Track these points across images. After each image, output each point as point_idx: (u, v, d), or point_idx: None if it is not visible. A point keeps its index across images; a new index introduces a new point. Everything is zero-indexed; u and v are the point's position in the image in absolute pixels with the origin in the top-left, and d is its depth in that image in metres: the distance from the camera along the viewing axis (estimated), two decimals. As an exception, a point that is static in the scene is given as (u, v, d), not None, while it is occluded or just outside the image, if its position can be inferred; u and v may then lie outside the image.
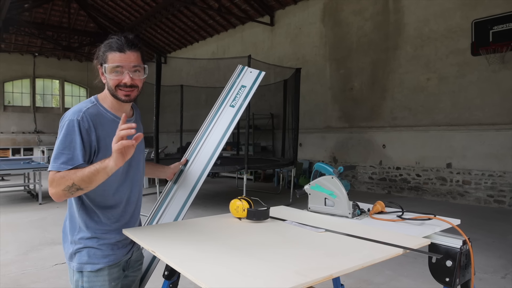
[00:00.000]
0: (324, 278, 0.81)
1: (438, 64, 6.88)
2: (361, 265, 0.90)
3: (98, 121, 1.34)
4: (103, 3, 12.96)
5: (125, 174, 1.42)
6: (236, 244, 1.12)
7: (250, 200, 1.45)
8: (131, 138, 1.19)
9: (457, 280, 1.23)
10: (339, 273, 0.85)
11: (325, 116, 8.96)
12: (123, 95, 1.33)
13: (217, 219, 1.49)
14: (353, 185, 8.35)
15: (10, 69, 15.58)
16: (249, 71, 1.76)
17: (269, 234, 1.27)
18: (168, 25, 12.92)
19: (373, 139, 7.96)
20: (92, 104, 1.37)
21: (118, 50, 1.30)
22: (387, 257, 0.99)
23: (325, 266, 0.90)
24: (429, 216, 1.47)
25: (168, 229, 1.34)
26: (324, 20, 8.99)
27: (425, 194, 7.10)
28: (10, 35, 13.72)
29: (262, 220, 1.43)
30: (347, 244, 1.10)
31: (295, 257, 0.98)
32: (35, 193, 7.48)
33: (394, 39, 7.56)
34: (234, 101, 1.75)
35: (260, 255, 1.01)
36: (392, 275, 3.17)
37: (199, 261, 0.96)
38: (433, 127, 6.93)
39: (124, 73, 1.31)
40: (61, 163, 1.24)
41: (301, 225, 1.34)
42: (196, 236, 1.24)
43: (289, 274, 0.83)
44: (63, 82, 17.15)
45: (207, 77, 12.06)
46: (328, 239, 1.16)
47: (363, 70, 8.13)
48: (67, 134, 1.27)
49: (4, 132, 15.48)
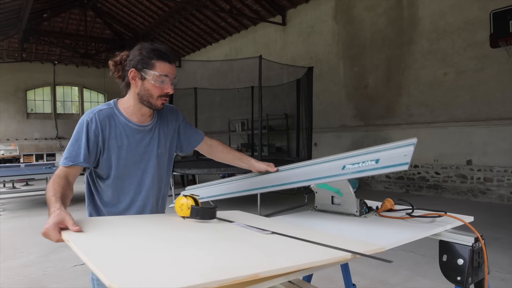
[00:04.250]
0: (248, 276, 0.74)
1: (455, 58, 6.69)
2: (297, 267, 0.82)
3: (108, 123, 1.39)
4: (118, 10, 13.21)
5: (133, 178, 1.45)
6: (163, 240, 1.05)
7: (196, 198, 1.32)
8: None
9: (469, 279, 1.18)
10: (268, 273, 0.77)
11: (340, 115, 8.86)
12: (161, 103, 1.40)
13: (162, 217, 1.40)
14: (370, 184, 8.22)
15: (32, 77, 16.08)
16: (403, 154, 1.25)
17: (205, 232, 1.17)
18: (181, 29, 13.06)
19: (389, 137, 7.81)
20: (108, 106, 1.43)
21: (168, 61, 1.35)
22: (330, 260, 0.90)
23: (252, 264, 0.83)
24: (439, 213, 1.41)
25: (102, 223, 1.23)
26: (337, 18, 8.89)
27: (445, 192, 6.91)
28: (30, 45, 14.15)
29: (207, 220, 1.29)
30: (290, 246, 1.02)
31: (221, 255, 0.92)
32: (56, 197, 7.66)
33: (408, 34, 7.41)
34: (352, 165, 1.36)
35: (183, 251, 0.93)
36: (409, 275, 3.09)
37: (109, 252, 0.89)
38: (451, 123, 6.75)
39: (168, 83, 1.36)
40: (65, 158, 1.34)
41: (248, 227, 1.23)
42: (126, 230, 1.15)
43: (204, 270, 0.76)
44: (82, 88, 17.57)
45: (221, 79, 12.13)
46: (271, 241, 1.07)
47: (377, 67, 8.00)
48: (76, 133, 1.37)
49: (28, 138, 15.96)
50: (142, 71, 1.34)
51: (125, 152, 1.41)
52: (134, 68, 1.35)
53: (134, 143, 1.43)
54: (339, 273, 1.98)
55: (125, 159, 1.42)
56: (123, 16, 13.61)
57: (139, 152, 1.44)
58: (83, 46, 13.88)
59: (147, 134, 1.46)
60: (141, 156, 1.45)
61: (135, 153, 1.44)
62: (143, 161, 1.45)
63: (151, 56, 1.33)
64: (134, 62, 1.35)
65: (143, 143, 1.45)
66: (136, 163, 1.44)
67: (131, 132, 1.43)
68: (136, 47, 1.39)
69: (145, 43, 1.39)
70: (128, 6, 12.63)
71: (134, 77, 1.36)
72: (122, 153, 1.41)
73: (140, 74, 1.34)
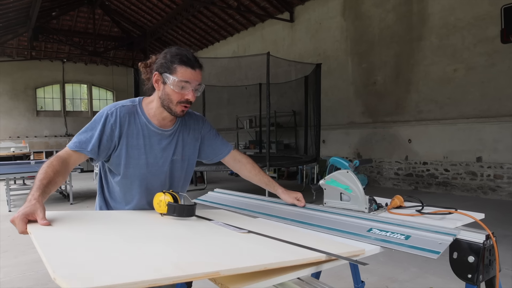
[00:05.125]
0: (207, 274, 0.72)
1: (465, 53, 6.60)
2: (263, 266, 0.79)
3: (128, 120, 1.37)
4: (126, 7, 13.27)
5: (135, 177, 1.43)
6: (131, 236, 1.03)
7: (176, 195, 1.28)
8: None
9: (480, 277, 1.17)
10: (229, 271, 0.75)
11: (348, 111, 8.81)
12: (181, 110, 1.36)
13: (139, 213, 1.37)
14: (378, 181, 8.17)
15: (41, 75, 16.25)
16: (439, 242, 1.07)
17: (179, 229, 1.13)
18: (189, 26, 13.08)
19: (398, 133, 7.75)
20: (132, 103, 1.41)
21: (191, 67, 1.32)
22: (301, 261, 0.87)
23: (216, 262, 0.81)
24: (450, 210, 1.40)
25: (75, 218, 1.19)
26: (345, 14, 8.83)
27: (454, 189, 6.84)
28: (40, 43, 14.30)
29: (184, 218, 1.25)
30: (262, 246, 0.99)
31: (187, 252, 0.90)
32: (67, 193, 7.77)
33: (418, 30, 7.33)
34: (379, 231, 1.18)
35: (148, 247, 0.91)
36: (418, 272, 3.07)
37: (66, 247, 0.85)
38: (461, 120, 6.67)
39: (189, 89, 1.33)
40: (73, 142, 1.32)
41: (226, 225, 1.20)
42: (97, 226, 1.12)
43: (161, 266, 0.74)
44: (90, 86, 17.71)
45: (229, 77, 12.13)
46: (245, 240, 1.04)
47: (386, 63, 7.93)
48: (93, 121, 1.35)
49: (38, 136, 16.16)
50: (163, 75, 1.32)
51: (138, 152, 1.39)
52: (157, 71, 1.33)
53: (150, 145, 1.41)
54: (348, 270, 1.99)
55: (137, 160, 1.39)
56: (131, 14, 13.67)
57: (152, 155, 1.41)
58: (92, 44, 13.98)
59: (165, 139, 1.44)
60: (155, 160, 1.42)
61: (149, 155, 1.41)
62: (156, 165, 1.43)
63: (173, 60, 1.31)
64: (157, 65, 1.34)
65: (159, 147, 1.42)
66: (148, 166, 1.41)
67: (149, 133, 1.40)
68: (164, 51, 1.37)
69: (173, 47, 1.36)
70: (136, 4, 12.68)
71: (157, 80, 1.34)
72: (135, 153, 1.39)
73: (162, 78, 1.32)
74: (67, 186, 7.48)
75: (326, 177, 1.60)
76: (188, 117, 1.52)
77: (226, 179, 10.17)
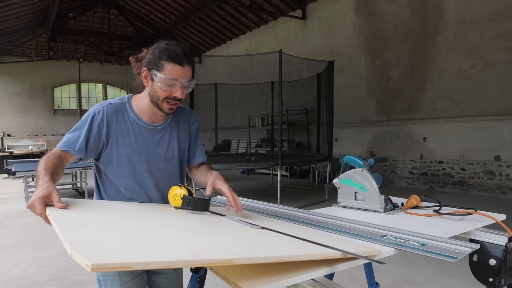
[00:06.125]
0: (222, 261, 0.71)
1: (483, 49, 6.44)
2: (278, 258, 0.78)
3: (116, 118, 1.34)
4: (140, 7, 13.39)
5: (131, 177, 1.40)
6: (144, 224, 1.03)
7: (191, 189, 1.26)
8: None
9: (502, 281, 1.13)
10: (243, 260, 0.73)
11: (361, 109, 8.70)
12: (168, 108, 1.32)
13: (153, 206, 1.36)
14: (392, 180, 8.05)
15: (59, 75, 16.59)
16: (457, 250, 1.00)
17: (193, 221, 1.12)
18: (201, 25, 13.12)
19: (413, 132, 7.62)
20: (121, 101, 1.38)
21: (178, 63, 1.25)
22: (316, 256, 0.85)
23: (230, 251, 0.80)
24: (469, 211, 1.36)
25: (90, 205, 1.19)
26: (358, 11, 8.71)
27: (471, 189, 6.69)
28: (57, 43, 14.57)
29: (198, 212, 1.24)
30: (275, 240, 0.98)
31: (199, 241, 0.88)
32: (82, 190, 7.90)
33: (433, 25, 7.18)
34: (394, 238, 1.12)
35: (162, 234, 0.91)
36: (434, 274, 3.01)
37: (84, 228, 0.86)
38: (478, 118, 6.51)
39: (177, 86, 1.27)
40: (62, 142, 1.31)
41: (239, 221, 1.19)
42: (111, 213, 1.13)
43: (179, 251, 0.74)
44: (105, 85, 17.97)
45: (241, 75, 12.13)
46: (259, 234, 1.03)
47: (400, 60, 7.80)
48: (81, 121, 1.34)
49: (55, 134, 16.48)
50: (151, 72, 1.27)
51: (131, 150, 1.36)
52: (146, 67, 1.29)
53: (142, 142, 1.37)
54: (361, 271, 1.95)
55: (130, 158, 1.36)
56: (145, 14, 13.79)
57: (145, 152, 1.38)
58: (107, 44, 14.16)
59: (157, 134, 1.40)
60: (148, 157, 1.38)
61: (142, 152, 1.37)
62: (149, 161, 1.39)
63: (161, 56, 1.25)
64: (146, 61, 1.29)
65: (152, 143, 1.39)
66: (141, 163, 1.38)
67: (140, 130, 1.37)
68: (153, 45, 1.32)
69: (162, 41, 1.30)
70: (150, 4, 12.78)
71: (146, 76, 1.30)
72: (128, 151, 1.35)
73: (151, 74, 1.28)
74: (82, 183, 7.60)
75: (340, 175, 1.58)
76: (179, 111, 1.47)
77: (238, 177, 10.18)
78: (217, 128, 9.65)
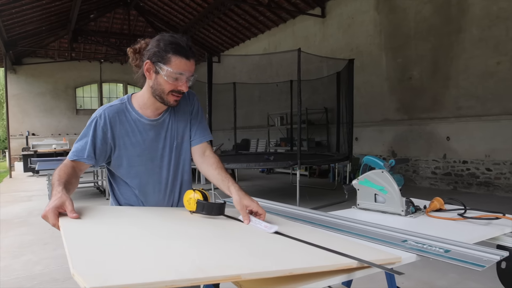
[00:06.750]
0: (228, 277, 0.69)
1: (510, 45, 6.19)
2: (289, 271, 0.75)
3: (118, 119, 1.33)
4: (159, 8, 13.56)
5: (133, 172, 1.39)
6: (157, 234, 1.01)
7: (206, 193, 1.25)
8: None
9: (532, 289, 1.07)
10: (251, 275, 0.71)
11: (382, 108, 8.53)
12: (173, 100, 1.31)
13: (168, 210, 1.35)
14: (414, 180, 7.87)
15: (81, 75, 17.03)
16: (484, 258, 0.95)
17: (205, 228, 1.10)
18: (220, 24, 13.16)
19: (436, 131, 7.41)
20: (120, 102, 1.38)
21: (185, 57, 1.25)
22: (330, 267, 0.81)
23: (239, 265, 0.77)
24: (497, 215, 1.30)
25: (104, 212, 1.18)
26: (378, 7, 8.54)
27: (497, 190, 6.45)
28: (79, 45, 14.92)
29: (213, 216, 1.21)
30: (290, 248, 0.95)
31: (211, 252, 0.87)
32: (103, 189, 8.08)
33: (457, 21, 6.95)
34: (416, 243, 1.08)
35: (173, 246, 0.89)
36: (457, 278, 2.91)
37: (92, 241, 0.86)
38: (505, 116, 6.27)
39: (183, 80, 1.27)
40: (71, 152, 1.31)
41: (254, 221, 1.16)
42: (125, 220, 1.12)
43: (185, 268, 0.72)
44: (126, 85, 18.31)
45: (260, 74, 12.11)
46: (272, 241, 1.00)
47: (422, 58, 7.60)
48: (85, 128, 1.34)
49: (77, 133, 16.78)
50: (156, 65, 1.25)
51: (139, 149, 1.35)
52: (149, 60, 1.27)
53: (149, 139, 1.36)
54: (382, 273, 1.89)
55: (140, 156, 1.36)
56: (164, 14, 13.95)
57: (154, 148, 1.38)
58: (127, 44, 14.34)
59: (161, 127, 1.39)
60: (158, 152, 1.38)
61: (151, 149, 1.37)
62: (162, 157, 1.39)
63: (167, 49, 1.24)
64: (150, 53, 1.27)
65: (158, 137, 1.38)
66: (153, 159, 1.38)
67: (144, 128, 1.36)
68: (156, 37, 1.30)
69: (166, 34, 1.29)
70: (169, 4, 12.91)
71: (148, 69, 1.28)
72: (137, 150, 1.35)
73: (155, 67, 1.26)
74: (104, 181, 7.77)
75: (360, 177, 1.53)
76: (189, 94, 1.46)
77: (257, 176, 10.17)
78: (236, 127, 9.67)
